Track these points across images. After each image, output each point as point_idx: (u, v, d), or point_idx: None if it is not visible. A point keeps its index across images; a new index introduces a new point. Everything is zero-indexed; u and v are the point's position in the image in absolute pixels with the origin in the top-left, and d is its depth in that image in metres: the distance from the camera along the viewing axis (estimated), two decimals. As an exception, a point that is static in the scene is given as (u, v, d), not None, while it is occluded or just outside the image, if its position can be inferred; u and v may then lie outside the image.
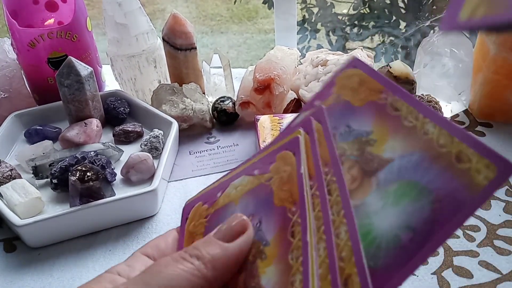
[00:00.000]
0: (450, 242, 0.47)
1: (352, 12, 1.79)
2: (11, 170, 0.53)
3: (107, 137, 0.62)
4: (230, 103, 0.65)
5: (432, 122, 0.21)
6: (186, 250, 0.23)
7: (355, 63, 0.25)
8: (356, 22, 1.77)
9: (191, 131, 0.65)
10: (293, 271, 0.21)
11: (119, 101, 0.64)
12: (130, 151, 0.56)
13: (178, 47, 0.66)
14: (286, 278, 0.21)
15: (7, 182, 0.51)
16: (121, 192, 0.51)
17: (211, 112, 0.65)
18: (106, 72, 0.75)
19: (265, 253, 0.23)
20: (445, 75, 0.63)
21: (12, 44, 0.66)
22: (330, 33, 1.81)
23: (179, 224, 0.51)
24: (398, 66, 0.63)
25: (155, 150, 0.57)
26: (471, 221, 0.49)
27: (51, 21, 0.71)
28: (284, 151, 0.24)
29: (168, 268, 0.22)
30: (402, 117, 0.23)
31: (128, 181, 0.54)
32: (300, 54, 0.70)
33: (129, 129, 0.61)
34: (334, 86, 0.25)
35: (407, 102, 0.22)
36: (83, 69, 0.59)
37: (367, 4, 1.75)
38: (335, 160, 0.22)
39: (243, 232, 0.23)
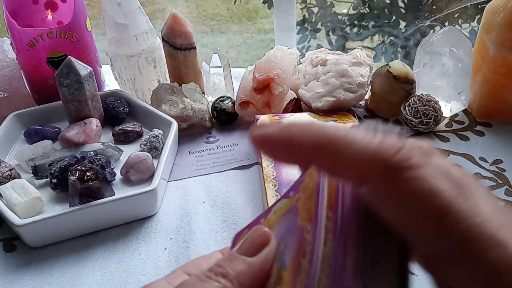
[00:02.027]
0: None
1: (352, 12, 1.79)
2: (10, 170, 0.53)
3: (107, 137, 0.62)
4: (230, 102, 0.65)
5: None
6: (211, 268, 0.22)
7: None
8: (356, 22, 1.78)
9: (191, 131, 0.65)
10: None
11: (119, 101, 0.64)
12: (130, 151, 0.56)
13: (178, 47, 0.66)
14: None
15: (7, 182, 0.51)
16: (121, 191, 0.51)
17: (210, 112, 0.65)
18: (106, 72, 0.75)
19: (282, 278, 0.22)
20: (445, 75, 0.63)
21: (11, 44, 0.66)
22: (330, 33, 1.81)
23: (179, 224, 0.51)
24: (398, 66, 0.63)
25: (155, 150, 0.57)
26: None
27: (49, 17, 0.70)
28: (313, 167, 0.23)
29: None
30: (300, 271, 0.20)
31: (127, 181, 0.54)
32: (299, 53, 0.70)
33: (129, 128, 0.61)
34: (304, 182, 0.23)
35: (309, 254, 0.20)
36: (83, 69, 0.59)
37: (367, 4, 1.75)
38: (316, 218, 0.21)
39: (266, 244, 0.23)
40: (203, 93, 0.70)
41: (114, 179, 0.54)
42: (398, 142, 0.18)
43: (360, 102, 0.67)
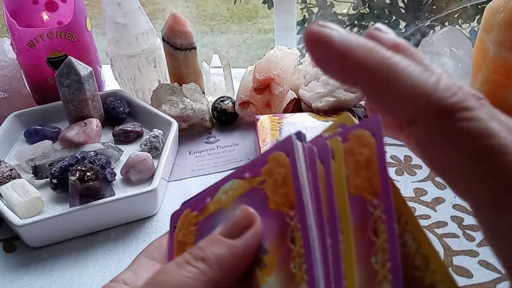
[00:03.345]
0: (450, 242, 0.47)
1: (352, 12, 1.79)
2: (10, 170, 0.53)
3: (107, 137, 0.62)
4: (230, 103, 0.65)
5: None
6: (191, 252, 0.21)
7: (285, 146, 0.22)
8: (356, 22, 1.77)
9: (191, 131, 0.65)
10: (297, 280, 0.19)
11: (119, 101, 0.64)
12: (130, 151, 0.56)
13: (178, 47, 0.66)
14: (290, 287, 0.20)
15: (7, 182, 0.51)
16: (121, 192, 0.51)
17: (210, 112, 0.65)
18: (106, 72, 0.75)
19: (264, 261, 0.21)
20: (445, 75, 0.62)
21: (11, 44, 0.66)
22: (330, 33, 1.81)
23: (178, 224, 0.51)
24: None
25: (155, 150, 0.57)
26: (471, 220, 0.49)
27: (46, 17, 0.70)
28: (276, 151, 0.22)
29: (172, 276, 0.20)
30: (291, 257, 0.20)
31: (128, 181, 0.54)
32: (300, 53, 0.70)
33: (129, 129, 0.61)
34: (266, 165, 0.22)
35: (303, 240, 0.20)
36: (83, 69, 0.59)
37: (367, 4, 1.75)
38: (301, 205, 0.20)
39: (250, 226, 0.21)
40: (203, 93, 0.70)
41: (114, 179, 0.54)
42: (455, 84, 0.18)
43: (360, 102, 0.67)
